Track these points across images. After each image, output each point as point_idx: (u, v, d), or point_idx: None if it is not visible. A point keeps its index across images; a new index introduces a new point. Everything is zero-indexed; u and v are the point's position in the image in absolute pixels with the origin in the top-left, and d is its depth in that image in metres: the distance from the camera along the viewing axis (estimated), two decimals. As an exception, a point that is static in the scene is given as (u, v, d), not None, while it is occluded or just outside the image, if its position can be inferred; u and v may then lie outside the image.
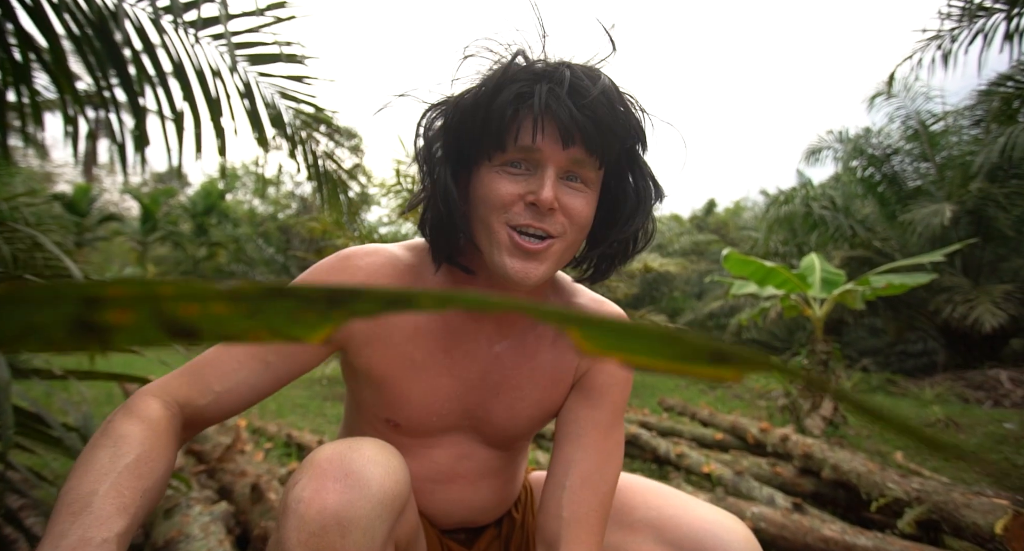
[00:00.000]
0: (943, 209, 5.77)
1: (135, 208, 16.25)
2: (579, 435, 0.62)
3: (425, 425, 0.63)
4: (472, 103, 0.54)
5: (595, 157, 0.54)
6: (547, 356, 0.64)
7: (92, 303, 0.09)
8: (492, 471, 0.67)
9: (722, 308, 10.84)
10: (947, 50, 3.45)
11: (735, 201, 21.64)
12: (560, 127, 0.52)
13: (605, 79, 0.53)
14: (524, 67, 0.53)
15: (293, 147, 1.91)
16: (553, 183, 0.53)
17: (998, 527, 1.03)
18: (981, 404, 4.98)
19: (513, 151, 0.53)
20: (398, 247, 0.64)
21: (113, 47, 1.37)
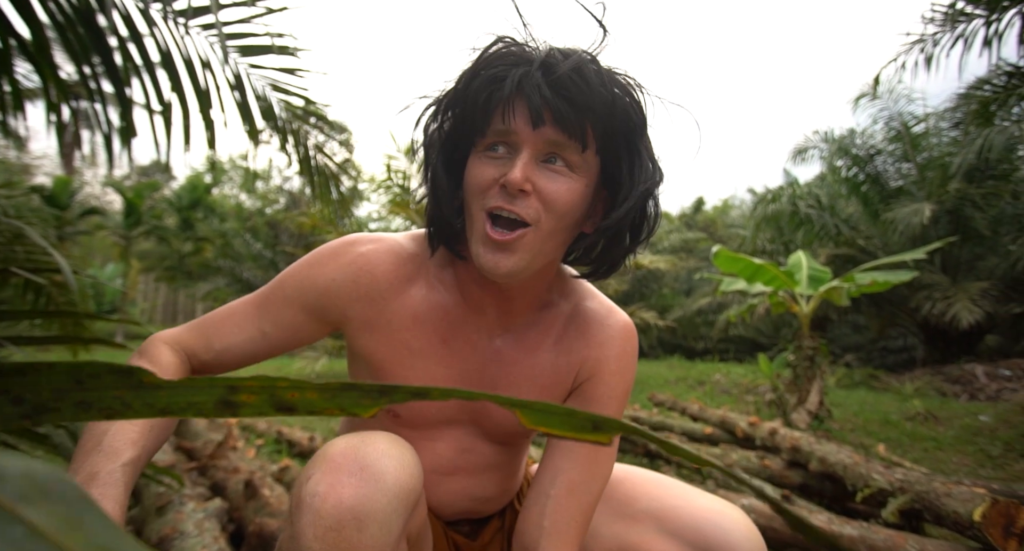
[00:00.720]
0: (923, 208, 5.90)
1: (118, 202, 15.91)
2: (570, 446, 0.61)
3: (424, 416, 0.63)
4: (453, 90, 0.54)
5: (574, 139, 0.51)
6: (548, 355, 0.64)
7: (233, 390, 0.13)
8: (493, 465, 0.68)
9: (710, 305, 10.97)
10: (929, 54, 3.52)
11: (723, 199, 21.90)
12: (529, 106, 0.50)
13: (583, 57, 0.51)
14: (504, 52, 0.52)
15: (284, 140, 1.88)
16: (524, 164, 0.51)
17: (976, 514, 1.07)
18: (958, 398, 5.12)
19: (491, 135, 0.53)
20: (403, 236, 0.64)
21: (99, 35, 1.34)
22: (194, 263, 14.49)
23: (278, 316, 0.60)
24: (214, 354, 0.60)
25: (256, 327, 0.60)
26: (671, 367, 7.50)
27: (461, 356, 0.63)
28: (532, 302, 0.63)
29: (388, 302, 0.60)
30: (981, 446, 2.87)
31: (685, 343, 12.17)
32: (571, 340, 0.64)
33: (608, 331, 0.64)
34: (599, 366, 0.64)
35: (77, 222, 12.72)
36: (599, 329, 0.64)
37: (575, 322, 0.65)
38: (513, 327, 0.64)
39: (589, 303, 0.66)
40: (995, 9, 3.01)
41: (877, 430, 3.23)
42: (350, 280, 0.60)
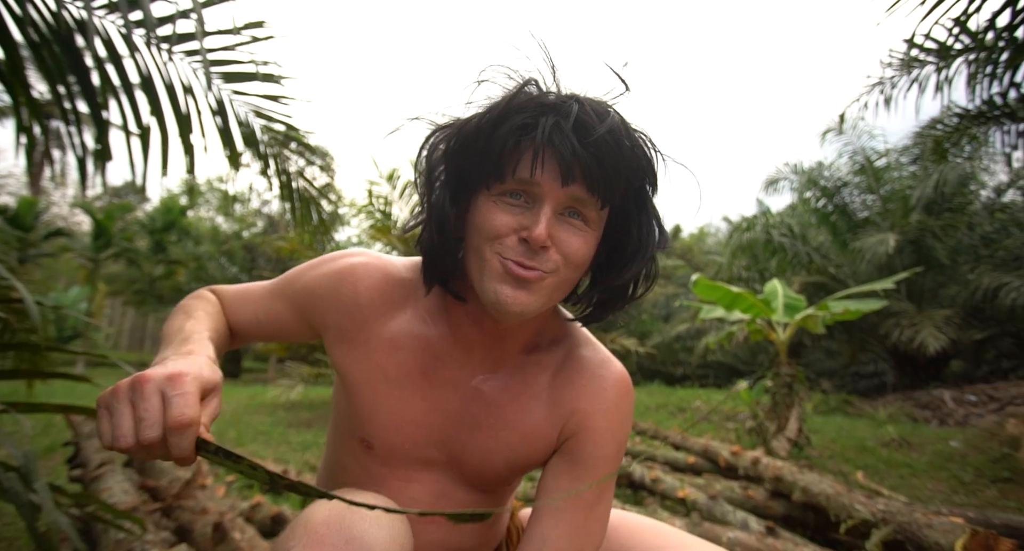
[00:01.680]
0: (888, 238, 6.17)
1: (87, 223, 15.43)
2: (558, 508, 0.57)
3: (398, 450, 0.60)
4: (475, 130, 0.52)
5: (596, 197, 0.51)
6: (534, 402, 0.61)
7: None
8: None
9: (688, 331, 11.10)
10: (888, 95, 3.76)
11: (699, 227, 22.50)
12: (561, 163, 0.49)
13: (615, 116, 0.50)
14: (532, 97, 0.51)
15: (266, 166, 1.87)
16: (548, 220, 0.50)
17: (958, 546, 1.07)
18: (928, 423, 5.24)
19: (512, 182, 0.51)
20: (402, 262, 0.63)
21: (76, 57, 1.32)
22: (166, 287, 14.04)
23: (272, 305, 0.66)
24: (233, 319, 0.67)
25: (259, 309, 0.66)
26: (651, 394, 7.50)
27: (442, 392, 0.60)
28: (523, 344, 0.62)
29: (367, 320, 0.60)
30: (953, 472, 2.91)
31: (664, 369, 12.23)
32: (560, 388, 0.61)
33: (601, 382, 0.61)
34: (587, 420, 0.60)
35: (41, 244, 12.25)
36: (591, 379, 0.61)
37: (566, 370, 0.62)
38: (500, 369, 0.61)
39: (583, 351, 0.63)
40: (945, 57, 3.25)
41: (854, 457, 3.26)
42: (332, 288, 0.61)
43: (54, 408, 0.93)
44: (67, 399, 4.60)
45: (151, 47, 1.36)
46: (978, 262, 6.81)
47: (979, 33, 2.83)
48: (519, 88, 0.52)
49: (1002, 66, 2.88)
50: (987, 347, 7.53)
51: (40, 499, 0.78)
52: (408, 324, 0.60)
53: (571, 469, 0.59)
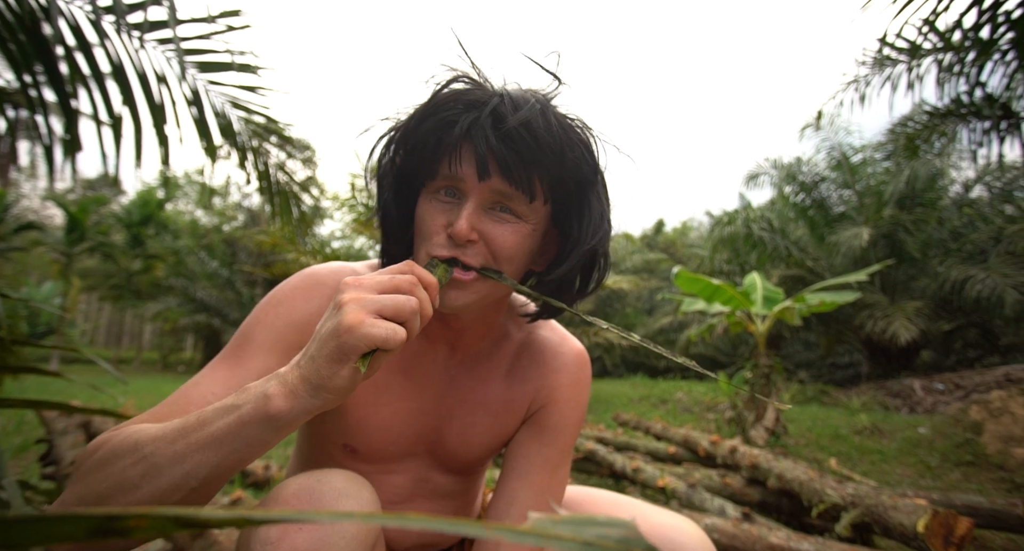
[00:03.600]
0: (862, 232, 6.32)
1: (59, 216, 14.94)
2: (527, 471, 0.62)
3: (383, 451, 0.62)
4: (406, 128, 0.53)
5: (520, 190, 0.50)
6: (501, 383, 0.65)
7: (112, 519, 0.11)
8: (449, 493, 0.67)
9: (671, 324, 11.26)
10: (863, 93, 3.84)
11: (683, 221, 22.76)
12: (476, 156, 0.49)
13: (535, 107, 0.49)
14: (458, 93, 0.51)
15: (244, 158, 1.83)
16: (470, 214, 0.50)
17: (920, 526, 1.12)
18: (899, 411, 5.42)
19: (440, 179, 0.52)
20: (360, 265, 0.64)
21: (43, 44, 1.28)
22: (143, 282, 13.70)
23: (257, 367, 0.55)
24: None
25: (237, 386, 0.53)
26: (634, 386, 7.60)
27: (420, 387, 0.62)
28: (483, 334, 0.64)
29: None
30: (921, 457, 3.03)
31: (648, 361, 12.40)
32: (524, 368, 0.65)
33: (562, 359, 0.66)
34: (553, 393, 0.65)
35: (11, 238, 11.83)
36: (553, 357, 0.65)
37: (528, 351, 0.66)
38: (467, 358, 0.64)
39: (542, 332, 0.67)
40: (915, 56, 3.33)
41: (828, 444, 3.36)
42: (318, 307, 0.57)
43: (25, 404, 0.91)
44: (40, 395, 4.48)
45: (122, 34, 1.33)
46: (947, 255, 7.04)
47: (947, 33, 2.91)
48: (444, 85, 0.52)
49: (968, 65, 2.97)
50: (955, 337, 7.80)
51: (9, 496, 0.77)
52: None
53: (540, 437, 0.64)
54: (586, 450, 2.43)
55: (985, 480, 2.62)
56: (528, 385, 0.65)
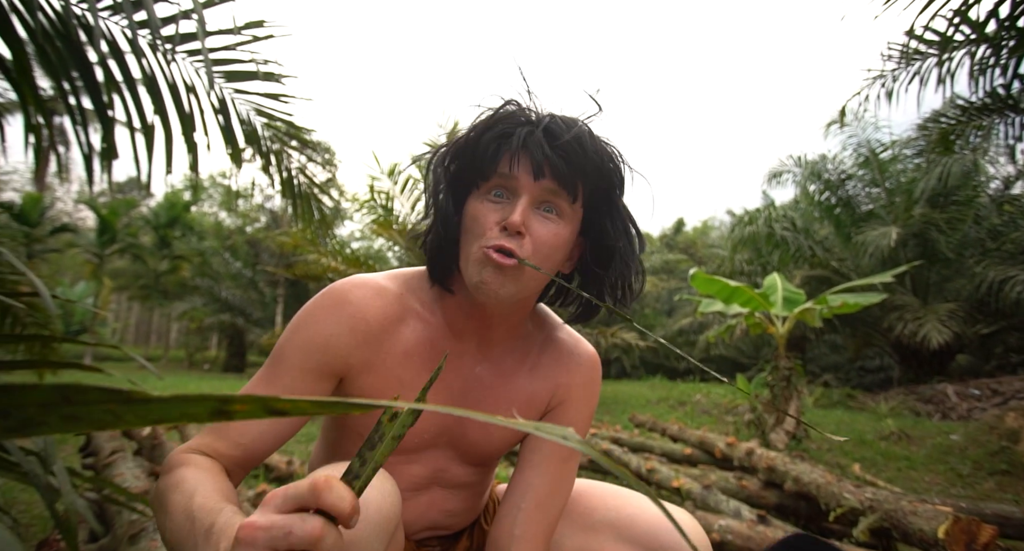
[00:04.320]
0: (890, 232, 6.14)
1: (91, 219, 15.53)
2: (540, 463, 0.67)
3: (406, 443, 0.66)
4: (465, 140, 0.61)
5: (566, 190, 0.59)
6: (523, 381, 0.69)
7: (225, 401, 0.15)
8: (464, 484, 0.72)
9: (691, 325, 11.11)
10: (890, 89, 3.73)
11: (703, 220, 22.42)
12: (533, 161, 0.58)
13: (583, 128, 0.59)
14: (512, 114, 0.60)
15: (267, 163, 1.90)
16: (524, 209, 0.58)
17: (940, 531, 1.10)
18: (931, 417, 5.24)
19: (495, 178, 0.60)
20: (382, 277, 0.68)
21: (83, 58, 1.35)
22: (170, 282, 14.14)
23: (287, 385, 0.61)
24: (242, 449, 0.60)
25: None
26: (653, 387, 7.53)
27: (447, 383, 0.67)
28: (510, 330, 0.69)
29: (382, 342, 0.64)
30: (952, 465, 2.94)
31: (667, 363, 12.26)
32: (545, 367, 0.70)
33: (577, 360, 0.71)
34: (568, 392, 0.70)
35: (47, 240, 12.37)
36: (569, 358, 0.71)
37: (548, 350, 0.71)
38: (492, 354, 0.69)
39: (560, 333, 0.73)
40: (946, 49, 3.22)
41: (852, 450, 3.28)
42: (347, 330, 0.62)
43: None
44: (76, 392, 4.65)
45: (155, 49, 1.39)
46: (985, 255, 6.76)
47: (981, 24, 2.81)
48: (502, 106, 0.61)
49: (1005, 57, 2.86)
50: (994, 341, 7.50)
51: (59, 482, 0.82)
52: (414, 332, 0.65)
53: None
54: (601, 450, 2.43)
55: (1021, 490, 2.52)
56: (547, 383, 0.70)
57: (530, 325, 0.72)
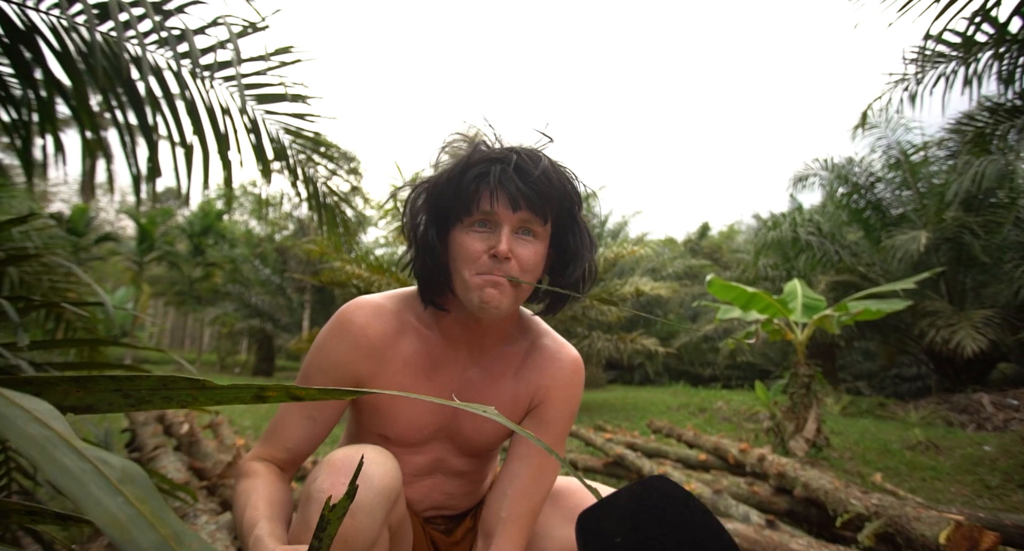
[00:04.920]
0: (919, 236, 5.95)
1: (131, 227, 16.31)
2: (526, 455, 0.76)
3: (409, 438, 0.77)
4: (446, 180, 0.71)
5: (539, 216, 0.70)
6: (510, 383, 0.78)
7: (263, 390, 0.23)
8: (462, 474, 0.82)
9: (716, 331, 10.93)
10: (913, 91, 3.66)
11: (729, 224, 22.00)
12: (509, 197, 0.68)
13: (545, 160, 0.70)
14: (484, 154, 0.70)
15: (295, 177, 2.02)
16: (507, 237, 0.68)
17: (942, 537, 1.11)
18: (965, 428, 5.05)
19: (477, 214, 0.69)
20: (383, 297, 0.78)
21: (131, 85, 1.49)
22: (204, 288, 14.70)
23: (314, 405, 0.74)
24: (289, 453, 0.74)
25: (305, 417, 0.74)
26: (675, 394, 7.45)
27: (441, 386, 0.76)
28: (499, 338, 0.79)
29: (383, 354, 0.74)
30: (980, 476, 2.85)
31: (692, 369, 12.07)
32: (528, 371, 0.79)
33: (558, 364, 0.79)
34: (549, 393, 0.79)
35: (92, 248, 13.05)
36: (551, 363, 0.79)
37: (532, 356, 0.80)
38: (483, 360, 0.78)
39: (544, 340, 0.81)
40: (969, 50, 3.16)
41: (876, 459, 3.22)
42: (353, 347, 0.73)
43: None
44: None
45: (195, 76, 1.53)
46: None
47: (1004, 23, 2.75)
48: (474, 148, 0.71)
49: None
50: (1037, 349, 7.15)
51: None
52: (411, 344, 0.76)
53: (537, 427, 0.79)
54: (615, 455, 2.47)
55: (1053, 503, 2.44)
56: (531, 385, 0.78)
57: (516, 332, 0.81)
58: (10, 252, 1.53)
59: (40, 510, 0.22)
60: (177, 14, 1.45)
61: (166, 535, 0.15)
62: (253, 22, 1.59)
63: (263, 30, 1.63)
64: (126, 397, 0.21)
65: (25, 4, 1.23)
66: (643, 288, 6.62)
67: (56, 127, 1.50)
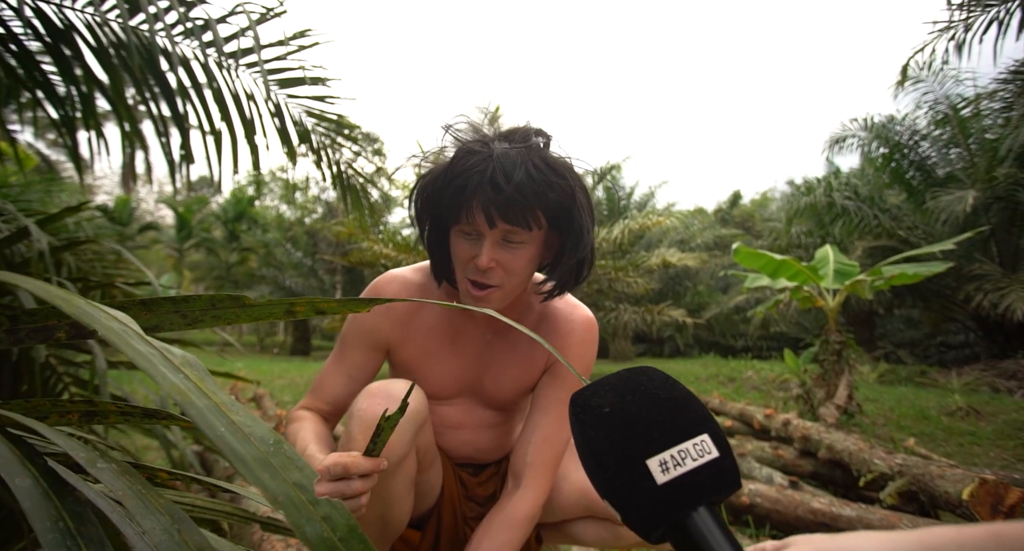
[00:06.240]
0: (966, 195, 5.61)
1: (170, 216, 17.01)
2: (545, 406, 0.84)
3: (439, 393, 0.86)
4: (432, 190, 0.76)
5: (520, 227, 0.72)
6: (525, 345, 0.86)
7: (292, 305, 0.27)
8: (490, 424, 0.91)
9: (748, 301, 10.70)
10: (961, 40, 3.41)
11: (762, 192, 21.20)
12: (485, 214, 0.71)
13: (523, 168, 0.69)
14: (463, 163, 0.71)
15: (319, 159, 2.08)
16: (488, 250, 0.72)
17: (965, 494, 1.12)
18: (1012, 394, 4.86)
19: (462, 223, 0.74)
20: (410, 270, 0.87)
21: (162, 76, 1.57)
22: (240, 272, 15.29)
23: (353, 360, 0.84)
24: (331, 406, 0.84)
25: (344, 375, 0.84)
26: (705, 365, 7.41)
27: (463, 351, 0.86)
28: (512, 307, 0.85)
29: (410, 322, 0.84)
30: (1022, 440, 2.77)
31: (724, 341, 11.91)
32: (543, 333, 0.86)
33: (571, 324, 0.85)
34: (563, 351, 0.85)
35: (136, 237, 13.72)
36: (564, 323, 0.86)
37: (547, 319, 0.87)
38: (499, 327, 0.86)
39: (557, 304, 0.88)
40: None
41: (911, 425, 3.16)
42: (383, 316, 0.83)
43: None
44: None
45: (220, 66, 1.58)
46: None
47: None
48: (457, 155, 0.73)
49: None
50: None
51: (174, 436, 1.04)
52: (434, 313, 0.84)
53: (554, 382, 0.86)
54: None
55: (1097, 466, 2.36)
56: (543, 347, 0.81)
57: (532, 299, 0.87)
58: (66, 240, 1.65)
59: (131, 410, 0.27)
60: (200, 4, 1.49)
61: (217, 402, 0.20)
62: (271, 7, 1.63)
63: (281, 15, 1.66)
64: (183, 317, 0.26)
65: (63, 4, 1.30)
66: (670, 259, 6.53)
67: (97, 121, 1.59)
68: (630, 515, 0.29)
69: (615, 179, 10.98)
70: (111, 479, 0.24)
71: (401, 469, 0.72)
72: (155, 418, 0.27)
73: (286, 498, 0.21)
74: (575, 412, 0.32)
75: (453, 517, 0.88)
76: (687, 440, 0.30)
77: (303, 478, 0.22)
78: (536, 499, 0.80)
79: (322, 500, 0.23)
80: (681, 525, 0.29)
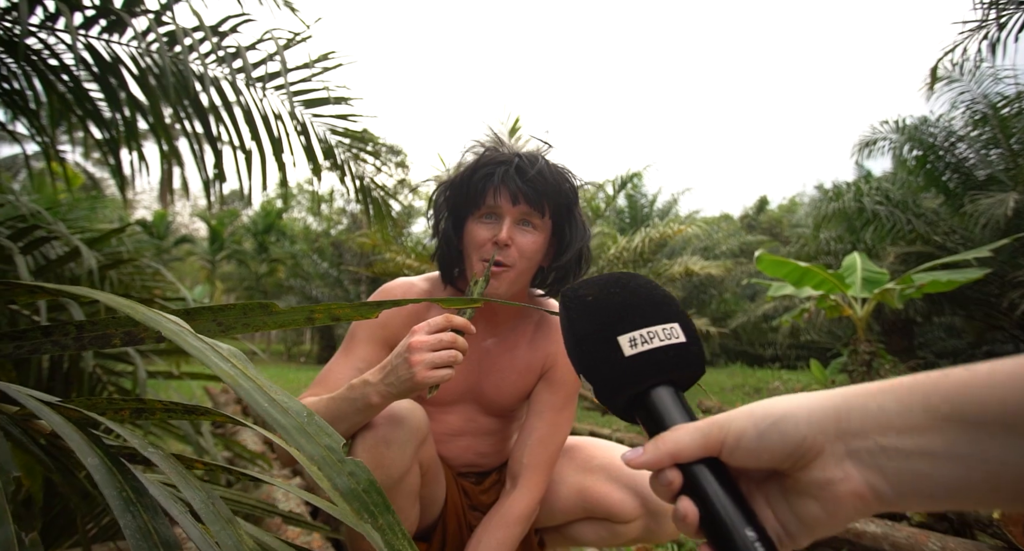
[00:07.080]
0: (1007, 199, 5.38)
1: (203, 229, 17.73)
2: (540, 411, 0.88)
3: (440, 399, 0.90)
4: (460, 180, 0.85)
5: (537, 210, 0.82)
6: (523, 351, 0.90)
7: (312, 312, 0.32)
8: (490, 431, 0.94)
9: (775, 309, 10.44)
10: (995, 38, 3.31)
11: (789, 197, 20.74)
12: (510, 192, 0.81)
13: (542, 162, 0.83)
14: (490, 157, 0.84)
15: (343, 174, 2.17)
16: (509, 227, 0.81)
17: (996, 513, 1.08)
18: (1062, 407, 4.59)
19: (484, 207, 0.83)
20: (416, 279, 0.94)
21: (197, 100, 1.67)
22: (269, 283, 15.77)
23: (361, 354, 0.88)
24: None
25: (351, 368, 0.87)
26: (731, 375, 7.25)
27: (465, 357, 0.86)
28: (510, 314, 0.91)
29: (415, 322, 0.88)
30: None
31: (752, 350, 11.63)
32: (539, 340, 0.91)
33: None
34: (557, 359, 0.90)
35: (172, 250, 14.33)
36: (557, 331, 0.87)
37: (542, 327, 0.92)
38: (498, 332, 0.91)
39: (549, 301, 0.94)
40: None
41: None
42: (394, 313, 0.88)
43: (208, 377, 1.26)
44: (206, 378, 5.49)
45: (250, 87, 1.68)
46: None
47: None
48: (482, 154, 0.86)
49: None
50: None
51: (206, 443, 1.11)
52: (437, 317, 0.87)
53: (549, 387, 0.91)
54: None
55: None
56: (541, 352, 0.91)
57: (529, 298, 0.92)
58: (111, 257, 1.77)
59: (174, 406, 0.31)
60: (231, 34, 1.60)
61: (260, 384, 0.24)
62: (297, 32, 1.72)
63: (306, 40, 1.76)
64: (219, 324, 0.30)
65: (111, 40, 1.41)
66: (693, 268, 6.45)
67: (139, 142, 1.70)
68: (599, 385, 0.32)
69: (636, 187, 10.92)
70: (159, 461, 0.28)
71: (405, 483, 0.76)
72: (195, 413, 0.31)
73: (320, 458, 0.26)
74: (564, 302, 0.35)
75: (458, 527, 0.91)
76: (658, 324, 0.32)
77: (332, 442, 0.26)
78: (532, 498, 0.84)
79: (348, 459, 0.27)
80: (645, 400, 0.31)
